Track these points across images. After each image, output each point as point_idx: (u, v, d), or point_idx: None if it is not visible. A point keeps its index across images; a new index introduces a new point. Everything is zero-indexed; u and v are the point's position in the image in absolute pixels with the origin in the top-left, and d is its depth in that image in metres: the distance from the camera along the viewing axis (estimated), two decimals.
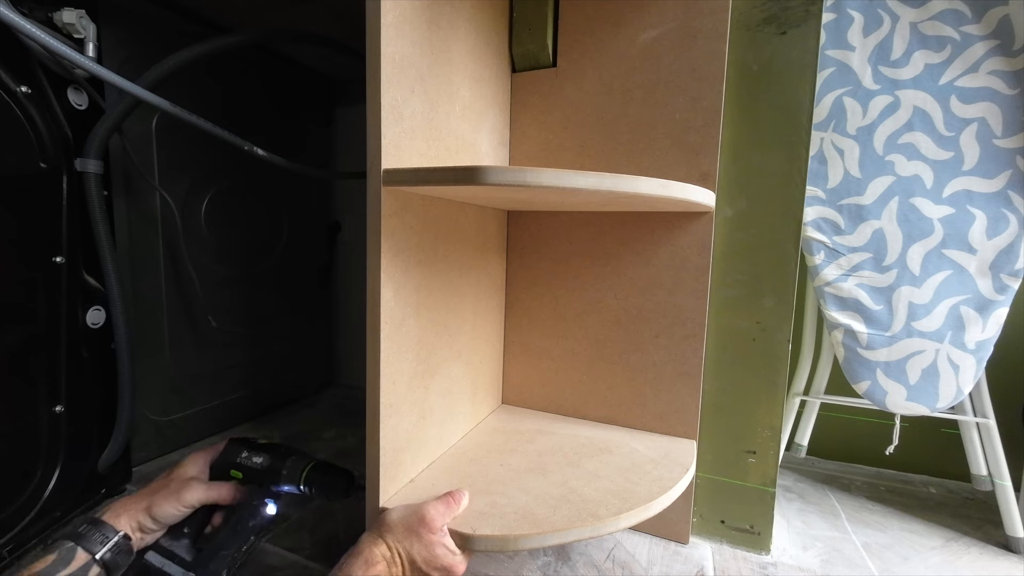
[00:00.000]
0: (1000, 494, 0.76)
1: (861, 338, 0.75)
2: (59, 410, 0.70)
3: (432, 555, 0.49)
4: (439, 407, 0.65)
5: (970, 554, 0.75)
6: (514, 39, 0.75)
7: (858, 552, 0.74)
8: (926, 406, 0.73)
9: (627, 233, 0.73)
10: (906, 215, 0.73)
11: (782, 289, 0.68)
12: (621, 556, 0.70)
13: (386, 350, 0.52)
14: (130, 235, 0.85)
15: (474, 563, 0.69)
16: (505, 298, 0.83)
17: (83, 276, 0.73)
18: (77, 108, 0.71)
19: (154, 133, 0.87)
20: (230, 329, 1.06)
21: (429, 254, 0.60)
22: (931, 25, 0.71)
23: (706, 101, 0.66)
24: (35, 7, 0.65)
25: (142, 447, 0.92)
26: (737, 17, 0.67)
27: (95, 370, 0.76)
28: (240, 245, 1.07)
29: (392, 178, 0.49)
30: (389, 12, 0.48)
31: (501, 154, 0.78)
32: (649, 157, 0.70)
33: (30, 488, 0.68)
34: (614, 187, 0.49)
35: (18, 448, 0.67)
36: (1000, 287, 0.69)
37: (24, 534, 0.66)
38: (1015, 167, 0.68)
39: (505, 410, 0.83)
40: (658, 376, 0.72)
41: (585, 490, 0.57)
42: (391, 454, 0.54)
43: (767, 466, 0.71)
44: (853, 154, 0.75)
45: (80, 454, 0.74)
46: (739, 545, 0.73)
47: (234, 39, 0.77)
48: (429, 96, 0.56)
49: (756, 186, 0.68)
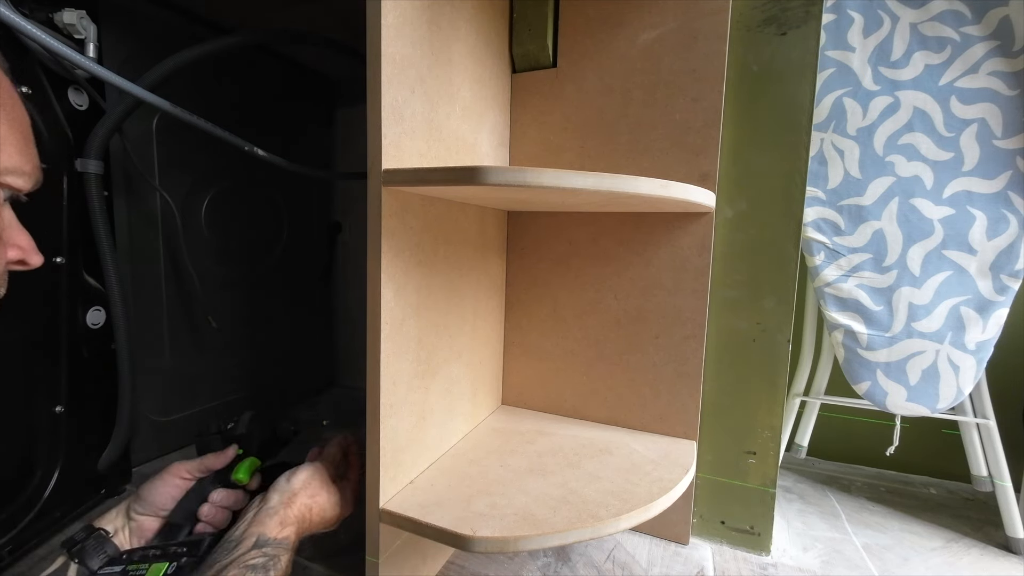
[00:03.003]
0: (1000, 495, 0.76)
1: (861, 339, 0.75)
2: (59, 410, 0.70)
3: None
4: (439, 408, 0.64)
5: (970, 555, 0.75)
6: (514, 39, 0.75)
7: (858, 553, 0.74)
8: (926, 407, 0.73)
9: (627, 234, 0.73)
10: (906, 216, 0.73)
11: (782, 290, 0.67)
12: (621, 557, 0.70)
13: (386, 350, 0.52)
14: (130, 235, 0.86)
15: (474, 563, 0.69)
16: (505, 299, 0.83)
17: (83, 276, 0.73)
18: (77, 108, 0.71)
19: (154, 133, 0.87)
20: (230, 329, 1.06)
21: (429, 254, 0.60)
22: (931, 26, 0.71)
23: (706, 102, 0.66)
24: (36, 8, 0.65)
25: (142, 447, 0.92)
26: (737, 18, 0.67)
27: (95, 370, 0.76)
28: (240, 245, 1.07)
29: (392, 178, 0.49)
30: (390, 13, 0.48)
31: (501, 155, 0.78)
32: (649, 158, 0.70)
33: (30, 488, 0.68)
34: (614, 187, 0.49)
35: (18, 448, 0.67)
36: (1000, 288, 0.69)
37: (24, 534, 0.66)
38: (1015, 168, 0.68)
39: (505, 411, 0.83)
40: (658, 377, 0.72)
41: (585, 491, 0.57)
42: (391, 455, 0.54)
43: (767, 467, 0.71)
44: (853, 155, 0.75)
45: (80, 454, 0.74)
46: (739, 546, 0.73)
47: (234, 40, 0.77)
48: (429, 96, 0.56)
49: (756, 187, 0.68)
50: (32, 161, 0.45)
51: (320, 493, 0.57)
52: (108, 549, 0.54)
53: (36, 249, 0.46)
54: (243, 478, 0.62)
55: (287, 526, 0.51)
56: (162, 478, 0.60)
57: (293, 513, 0.53)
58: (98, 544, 0.54)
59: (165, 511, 0.60)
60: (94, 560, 0.52)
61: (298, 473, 0.57)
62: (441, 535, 0.50)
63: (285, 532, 0.51)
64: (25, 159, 0.43)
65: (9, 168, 0.42)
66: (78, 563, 0.52)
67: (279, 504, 0.53)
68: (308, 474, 0.58)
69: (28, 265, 0.46)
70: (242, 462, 0.63)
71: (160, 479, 0.60)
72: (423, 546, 0.64)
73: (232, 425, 0.68)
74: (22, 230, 0.46)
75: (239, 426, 0.67)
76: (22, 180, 0.43)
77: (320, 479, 0.58)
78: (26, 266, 0.46)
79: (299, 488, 0.55)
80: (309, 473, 0.58)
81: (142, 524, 0.58)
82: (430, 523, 0.51)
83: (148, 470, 0.91)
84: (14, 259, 0.45)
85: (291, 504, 0.53)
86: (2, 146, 0.41)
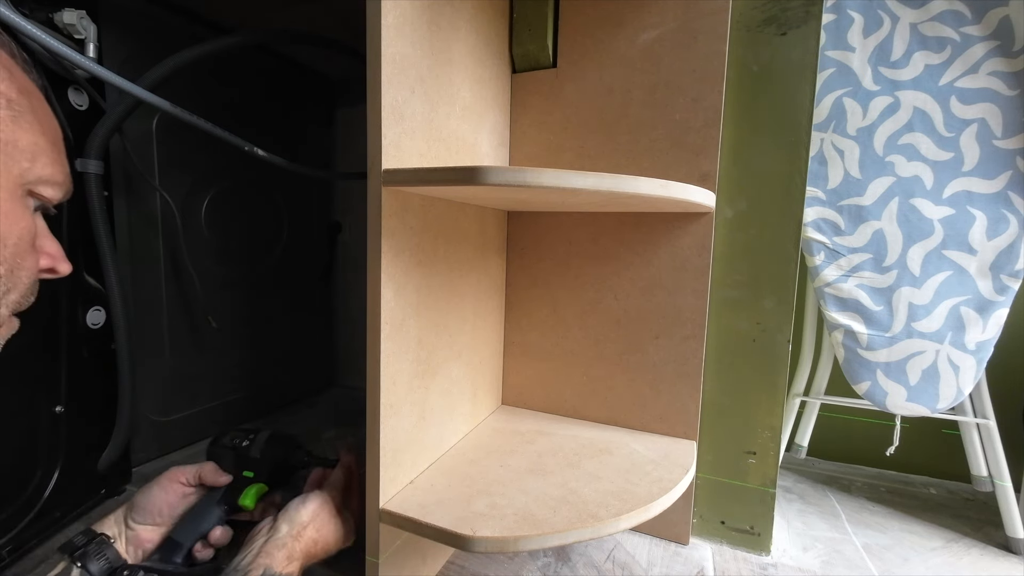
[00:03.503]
0: (1000, 495, 0.76)
1: (861, 339, 0.75)
2: (59, 410, 0.70)
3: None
4: (439, 408, 0.64)
5: (970, 555, 0.75)
6: (514, 40, 0.75)
7: (858, 553, 0.74)
8: (926, 407, 0.73)
9: (627, 234, 0.73)
10: (906, 216, 0.73)
11: (782, 290, 0.67)
12: (621, 557, 0.70)
13: (386, 350, 0.52)
14: (130, 235, 0.85)
15: (474, 563, 0.69)
16: (505, 299, 0.83)
17: (83, 276, 0.73)
18: (77, 108, 0.71)
19: (154, 133, 0.87)
20: (230, 329, 1.06)
21: (429, 254, 0.60)
22: (931, 26, 0.71)
23: (706, 102, 0.66)
24: (36, 8, 0.65)
25: (142, 447, 0.91)
26: (737, 18, 0.67)
27: (95, 370, 0.76)
28: (240, 245, 1.07)
29: (392, 178, 0.49)
30: (390, 13, 0.48)
31: (501, 155, 0.78)
32: (649, 158, 0.70)
33: (30, 488, 0.68)
34: (614, 187, 0.49)
35: (18, 448, 0.67)
36: (1000, 288, 0.69)
37: (24, 534, 0.66)
38: (1015, 168, 0.68)
39: (505, 411, 0.83)
40: (658, 377, 0.72)
41: (585, 491, 0.57)
42: (391, 455, 0.54)
43: (767, 467, 0.71)
44: (853, 155, 0.75)
45: (80, 454, 0.74)
46: (739, 546, 0.73)
47: (234, 40, 0.77)
48: (429, 97, 0.56)
49: (756, 187, 0.68)
50: (64, 172, 0.45)
51: (327, 525, 0.56)
52: (109, 555, 0.54)
53: (64, 257, 0.47)
54: (249, 505, 0.62)
55: (294, 560, 0.51)
56: (160, 484, 0.60)
57: (300, 547, 0.53)
58: (99, 549, 0.54)
59: (162, 519, 0.60)
60: (95, 565, 0.52)
61: (308, 504, 0.56)
62: (441, 535, 0.50)
63: (291, 567, 0.50)
64: (57, 169, 0.44)
65: (43, 178, 0.42)
66: (80, 567, 0.52)
67: (287, 536, 0.53)
68: (318, 505, 0.57)
69: (57, 273, 0.46)
70: (250, 487, 0.63)
71: (158, 485, 0.60)
72: (423, 546, 0.64)
73: (248, 443, 0.67)
74: (52, 238, 0.46)
75: (254, 447, 0.67)
76: (53, 190, 0.44)
77: (328, 511, 0.57)
78: (56, 274, 0.46)
79: (308, 520, 0.55)
80: (319, 504, 0.57)
81: (139, 534, 0.58)
82: (430, 523, 0.51)
83: (148, 470, 0.91)
84: (45, 267, 0.45)
85: (300, 537, 0.53)
86: (37, 156, 0.41)
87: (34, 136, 0.41)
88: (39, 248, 0.44)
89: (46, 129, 0.43)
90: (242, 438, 0.68)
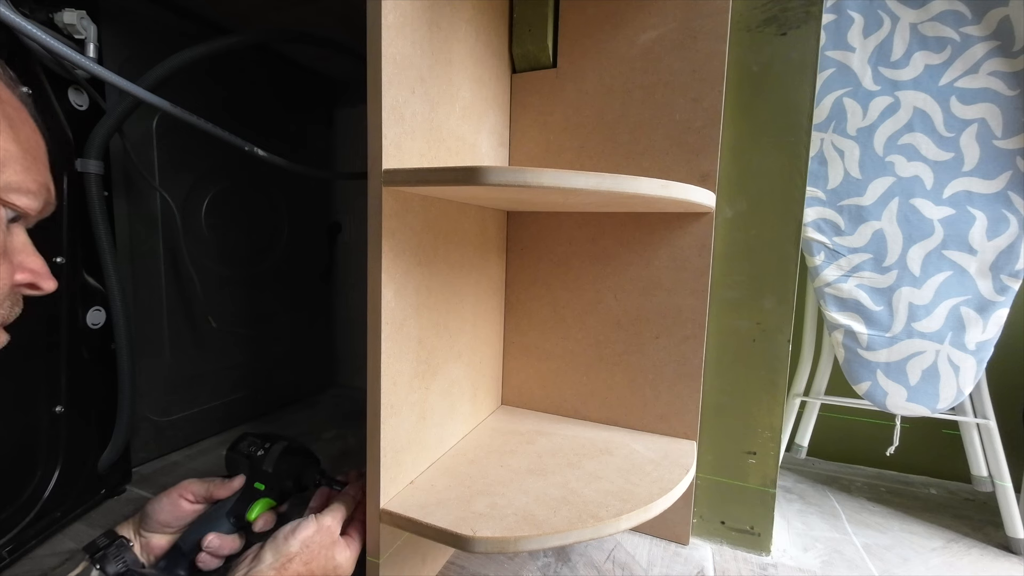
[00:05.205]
0: (1000, 495, 0.76)
1: (861, 339, 0.75)
2: (59, 410, 0.70)
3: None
4: (439, 408, 0.65)
5: (970, 555, 0.75)
6: (514, 40, 0.75)
7: (858, 553, 0.74)
8: (926, 407, 0.73)
9: (627, 234, 0.73)
10: (906, 216, 0.73)
11: (782, 290, 0.68)
12: (621, 557, 0.70)
13: (387, 351, 0.52)
14: (130, 235, 0.86)
15: (474, 563, 0.69)
16: (505, 299, 0.83)
17: (83, 276, 0.73)
18: (78, 109, 0.71)
19: (154, 133, 0.87)
20: (230, 329, 1.06)
21: (429, 255, 0.60)
22: (931, 26, 0.71)
23: (706, 102, 0.66)
24: (36, 8, 0.65)
25: (142, 447, 0.92)
26: (737, 18, 0.67)
27: (95, 370, 0.76)
28: (240, 245, 1.07)
29: (393, 178, 0.49)
30: (390, 13, 0.48)
31: (501, 155, 0.78)
32: (649, 158, 0.70)
33: (30, 488, 0.68)
34: (614, 187, 0.49)
35: (18, 448, 0.67)
36: (1000, 288, 0.69)
37: (24, 534, 0.66)
38: (1015, 168, 0.68)
39: (505, 411, 0.83)
40: (658, 377, 0.72)
41: (585, 491, 0.57)
42: (391, 455, 0.54)
43: (767, 467, 0.71)
44: (853, 155, 0.75)
45: (80, 454, 0.74)
46: (739, 546, 0.73)
47: (234, 40, 0.77)
48: (430, 97, 0.56)
49: (756, 187, 0.68)
50: (38, 182, 0.42)
51: (318, 558, 0.52)
52: (127, 557, 0.55)
53: (49, 274, 0.45)
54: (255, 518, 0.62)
55: None
56: (169, 496, 0.60)
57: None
58: (118, 552, 0.55)
59: (170, 528, 0.60)
60: (112, 567, 0.53)
61: (298, 532, 0.53)
62: (441, 535, 0.50)
63: None
64: (29, 178, 0.41)
65: (12, 185, 0.40)
66: (99, 569, 0.52)
67: (269, 569, 0.49)
68: (308, 535, 0.53)
69: (40, 290, 0.44)
70: (258, 501, 0.63)
71: (167, 497, 0.60)
72: (423, 546, 0.64)
73: (262, 453, 0.66)
74: (35, 254, 0.44)
75: (267, 459, 0.66)
76: (27, 199, 0.41)
77: (320, 543, 0.53)
78: (38, 290, 0.44)
79: (296, 552, 0.51)
80: (310, 534, 0.53)
81: (150, 541, 0.59)
82: (430, 523, 0.51)
83: (148, 470, 0.91)
84: (23, 282, 0.43)
85: (284, 570, 0.50)
86: (7, 163, 0.39)
87: (4, 143, 0.39)
88: (19, 264, 0.42)
89: (20, 137, 0.41)
90: (257, 446, 0.67)
